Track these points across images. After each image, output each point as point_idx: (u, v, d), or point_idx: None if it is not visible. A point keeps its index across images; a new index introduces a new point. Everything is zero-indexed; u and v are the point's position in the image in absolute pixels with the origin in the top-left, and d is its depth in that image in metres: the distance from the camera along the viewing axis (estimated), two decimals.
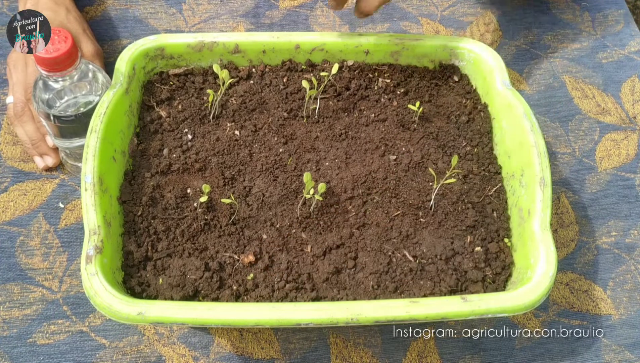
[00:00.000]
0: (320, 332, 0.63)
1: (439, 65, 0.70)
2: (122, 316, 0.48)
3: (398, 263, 0.57)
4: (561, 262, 0.69)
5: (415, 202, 0.60)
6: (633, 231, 0.72)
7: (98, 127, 0.56)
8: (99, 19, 0.82)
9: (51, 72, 0.57)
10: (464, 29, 0.86)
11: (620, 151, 0.77)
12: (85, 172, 0.54)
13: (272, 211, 0.58)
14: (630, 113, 0.81)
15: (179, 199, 0.58)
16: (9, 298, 0.62)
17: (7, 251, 0.65)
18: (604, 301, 0.67)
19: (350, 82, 0.67)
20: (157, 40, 0.64)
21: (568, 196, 0.74)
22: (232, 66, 0.67)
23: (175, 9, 0.84)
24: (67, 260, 0.65)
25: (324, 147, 0.63)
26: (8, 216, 0.67)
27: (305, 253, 0.57)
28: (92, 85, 0.63)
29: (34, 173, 0.69)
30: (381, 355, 0.62)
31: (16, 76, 0.68)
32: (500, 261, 0.58)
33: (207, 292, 0.54)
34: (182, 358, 0.61)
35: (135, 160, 0.60)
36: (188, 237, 0.56)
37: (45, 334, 0.61)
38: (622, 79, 0.83)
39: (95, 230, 0.51)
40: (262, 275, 0.55)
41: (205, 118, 0.64)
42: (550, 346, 0.65)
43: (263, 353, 0.62)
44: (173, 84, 0.65)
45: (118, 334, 0.62)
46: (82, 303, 0.63)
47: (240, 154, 0.61)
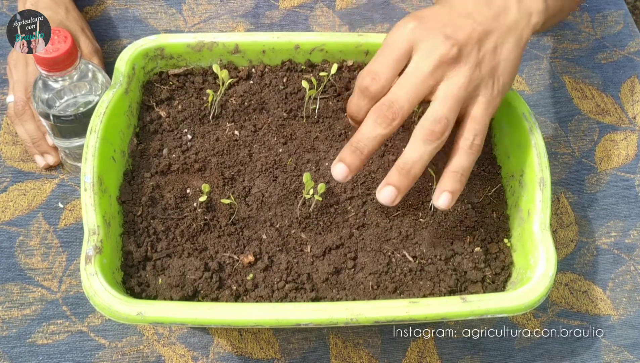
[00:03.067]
0: (320, 332, 0.63)
1: None
2: (122, 317, 0.48)
3: (398, 263, 0.57)
4: (561, 262, 0.69)
5: (414, 202, 0.60)
6: (632, 232, 0.72)
7: (97, 127, 0.56)
8: (99, 19, 0.82)
9: (51, 72, 0.57)
10: None
11: (619, 151, 0.78)
12: (84, 172, 0.54)
13: (271, 211, 0.58)
14: (629, 114, 0.81)
15: (178, 200, 0.58)
16: (9, 298, 0.62)
17: (7, 251, 0.65)
18: (603, 302, 0.68)
19: (350, 82, 0.67)
20: (156, 41, 0.64)
21: (567, 196, 0.74)
22: (231, 66, 0.67)
23: (175, 9, 0.84)
24: (66, 260, 0.65)
25: (324, 147, 0.63)
26: (7, 216, 0.67)
27: (305, 253, 0.57)
28: (91, 85, 0.63)
29: (34, 173, 0.69)
30: (381, 355, 0.62)
31: (16, 75, 0.68)
32: (499, 262, 0.58)
33: (206, 292, 0.54)
34: (181, 358, 0.61)
35: (134, 160, 0.60)
36: (188, 237, 0.56)
37: (45, 334, 0.61)
38: (622, 80, 0.83)
39: (94, 230, 0.51)
40: (262, 275, 0.55)
41: (205, 118, 0.64)
42: (550, 346, 0.65)
43: (262, 353, 0.62)
44: (173, 84, 0.65)
45: (117, 334, 0.62)
46: (82, 303, 0.63)
47: (240, 155, 0.61)
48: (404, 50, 0.51)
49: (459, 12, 0.53)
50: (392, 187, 0.50)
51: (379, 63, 0.52)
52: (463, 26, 0.51)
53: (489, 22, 0.52)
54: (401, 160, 0.50)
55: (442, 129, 0.50)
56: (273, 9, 0.85)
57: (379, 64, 0.52)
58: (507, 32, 0.53)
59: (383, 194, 0.51)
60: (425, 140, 0.50)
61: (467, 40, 0.51)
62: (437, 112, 0.50)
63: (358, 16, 0.86)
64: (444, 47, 0.49)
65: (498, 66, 0.53)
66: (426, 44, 0.50)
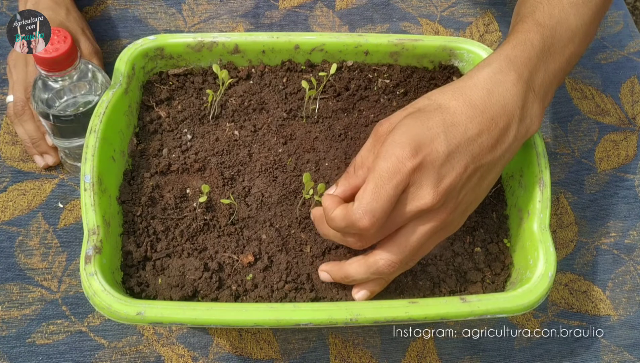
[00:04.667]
0: (320, 332, 0.63)
1: (438, 66, 0.70)
2: (121, 317, 0.48)
3: None
4: (560, 263, 0.69)
5: None
6: (632, 232, 0.72)
7: (97, 127, 0.56)
8: (99, 19, 0.82)
9: (50, 72, 0.57)
10: (463, 30, 0.86)
11: (619, 151, 0.78)
12: (84, 172, 0.54)
13: (271, 211, 0.58)
14: (629, 114, 0.81)
15: (178, 200, 0.58)
16: (8, 298, 0.62)
17: (6, 251, 0.65)
18: (603, 302, 0.68)
19: (350, 82, 0.67)
20: (156, 41, 0.64)
21: (567, 196, 0.74)
22: (231, 66, 0.67)
23: (174, 9, 0.84)
24: (66, 260, 0.65)
25: (324, 147, 0.63)
26: (7, 216, 0.67)
27: (305, 254, 0.57)
28: (91, 85, 0.63)
29: (33, 173, 0.69)
30: (380, 356, 0.62)
31: (16, 74, 0.68)
32: (499, 262, 0.58)
33: (206, 292, 0.54)
34: (181, 358, 0.61)
35: (134, 160, 0.60)
36: (187, 237, 0.56)
37: (44, 334, 0.61)
38: (622, 80, 0.83)
39: (94, 230, 0.51)
40: (262, 275, 0.55)
41: (205, 118, 0.64)
42: (550, 346, 0.65)
43: (262, 353, 0.62)
44: (172, 84, 0.65)
45: (117, 334, 0.62)
46: (81, 303, 0.63)
47: (240, 155, 0.61)
48: (401, 191, 0.47)
49: (463, 128, 0.49)
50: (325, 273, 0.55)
51: (379, 202, 0.46)
52: (457, 164, 0.48)
53: (484, 154, 0.49)
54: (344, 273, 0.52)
55: (388, 270, 0.50)
56: (273, 9, 0.85)
57: (379, 204, 0.46)
58: (497, 163, 0.50)
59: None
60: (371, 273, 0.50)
61: (455, 185, 0.48)
62: (391, 257, 0.49)
63: (358, 16, 0.86)
64: (429, 198, 0.47)
65: (473, 202, 0.51)
66: (415, 189, 0.47)
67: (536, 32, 0.53)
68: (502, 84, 0.50)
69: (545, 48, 0.53)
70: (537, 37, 0.53)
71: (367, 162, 0.51)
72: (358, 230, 0.47)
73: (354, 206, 0.47)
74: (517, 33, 0.54)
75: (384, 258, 0.49)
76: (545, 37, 0.53)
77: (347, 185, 0.51)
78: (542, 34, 0.53)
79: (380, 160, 0.47)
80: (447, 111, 0.49)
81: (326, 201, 0.50)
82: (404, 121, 0.49)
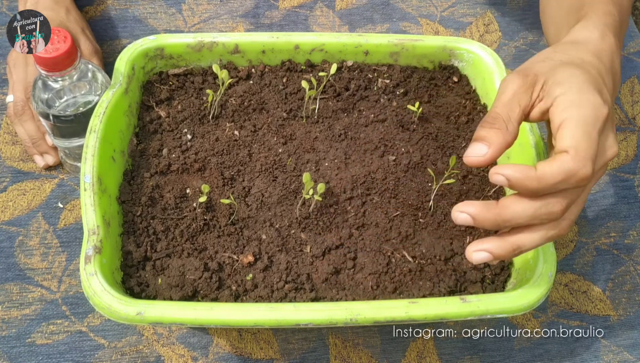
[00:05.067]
0: (320, 332, 0.63)
1: (438, 66, 0.70)
2: (121, 316, 0.48)
3: (397, 263, 0.57)
4: (560, 263, 0.69)
5: (414, 202, 0.60)
6: (632, 232, 0.72)
7: (97, 127, 0.56)
8: (99, 19, 0.82)
9: (50, 72, 0.57)
10: (463, 30, 0.86)
11: (619, 151, 0.78)
12: (84, 172, 0.54)
13: (271, 211, 0.58)
14: (629, 114, 0.81)
15: (178, 200, 0.58)
16: (8, 298, 0.62)
17: (6, 251, 0.65)
18: (602, 302, 0.68)
19: (350, 82, 0.67)
20: (156, 41, 0.64)
21: None
22: (231, 66, 0.67)
23: (174, 9, 0.84)
24: (66, 260, 0.65)
25: (324, 147, 0.63)
26: (7, 216, 0.67)
27: (305, 254, 0.57)
28: (91, 85, 0.63)
29: (33, 173, 0.69)
30: (380, 356, 0.62)
31: (16, 74, 0.68)
32: (499, 262, 0.58)
33: (206, 292, 0.54)
34: (181, 358, 0.61)
35: (134, 160, 0.60)
36: (187, 237, 0.56)
37: (44, 334, 0.61)
38: (622, 80, 0.83)
39: (94, 230, 0.51)
40: (262, 275, 0.55)
41: (205, 118, 0.64)
42: (550, 347, 0.65)
43: (262, 353, 0.62)
44: (172, 84, 0.65)
45: (117, 334, 0.62)
46: (81, 303, 0.63)
47: (240, 155, 0.61)
48: None
49: (599, 82, 0.48)
50: (486, 253, 0.47)
51: (594, 148, 0.44)
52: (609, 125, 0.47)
53: (610, 105, 0.47)
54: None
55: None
56: (273, 9, 0.85)
57: (594, 150, 0.44)
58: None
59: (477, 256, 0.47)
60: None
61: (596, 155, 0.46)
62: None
63: (358, 16, 0.86)
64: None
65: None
66: (603, 139, 0.46)
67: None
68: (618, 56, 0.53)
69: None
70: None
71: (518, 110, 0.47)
72: (577, 181, 0.43)
73: (567, 156, 0.43)
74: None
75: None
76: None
77: (503, 142, 0.46)
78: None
79: (579, 107, 0.45)
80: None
81: (516, 170, 0.44)
82: (574, 72, 0.47)
